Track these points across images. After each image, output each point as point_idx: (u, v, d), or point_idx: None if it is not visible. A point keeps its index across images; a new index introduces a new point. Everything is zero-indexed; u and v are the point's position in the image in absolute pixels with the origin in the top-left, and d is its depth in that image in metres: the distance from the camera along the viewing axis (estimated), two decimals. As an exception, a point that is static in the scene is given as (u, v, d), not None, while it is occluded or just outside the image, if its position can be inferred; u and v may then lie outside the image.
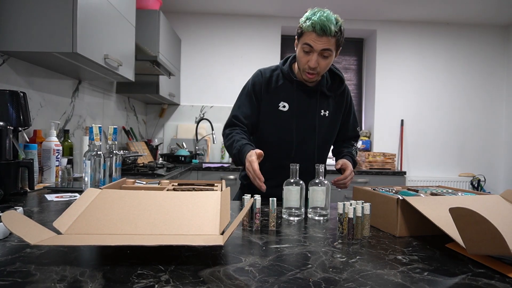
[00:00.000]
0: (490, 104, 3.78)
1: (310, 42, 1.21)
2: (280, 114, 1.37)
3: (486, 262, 0.67)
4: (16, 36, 1.45)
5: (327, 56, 1.24)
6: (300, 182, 1.05)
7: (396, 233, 0.87)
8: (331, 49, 1.22)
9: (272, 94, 1.37)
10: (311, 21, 1.19)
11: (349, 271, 0.63)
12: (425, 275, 0.62)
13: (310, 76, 1.29)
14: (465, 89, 3.77)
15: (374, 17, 3.64)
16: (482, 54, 3.77)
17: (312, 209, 1.05)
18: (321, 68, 1.27)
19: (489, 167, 3.77)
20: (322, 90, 1.38)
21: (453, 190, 1.09)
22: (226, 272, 0.61)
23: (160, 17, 2.78)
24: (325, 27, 1.17)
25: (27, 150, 1.50)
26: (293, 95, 1.37)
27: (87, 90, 2.32)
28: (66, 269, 0.60)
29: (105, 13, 1.74)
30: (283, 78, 1.38)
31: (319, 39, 1.20)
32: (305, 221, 1.02)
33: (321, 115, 1.39)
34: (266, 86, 1.37)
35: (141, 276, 0.58)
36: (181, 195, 0.90)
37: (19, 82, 1.64)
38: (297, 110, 1.37)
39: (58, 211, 1.06)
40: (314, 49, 1.22)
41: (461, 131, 3.77)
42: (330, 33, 1.18)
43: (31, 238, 0.61)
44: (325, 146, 1.46)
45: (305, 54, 1.25)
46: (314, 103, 1.38)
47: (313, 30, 1.19)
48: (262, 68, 1.42)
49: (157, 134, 3.69)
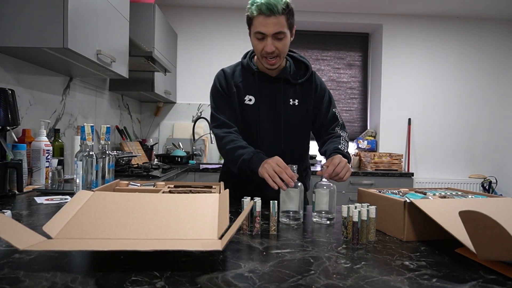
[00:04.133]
0: (502, 102, 3.78)
1: (261, 29, 1.24)
2: (247, 108, 1.39)
3: (497, 268, 0.67)
4: (4, 31, 1.45)
5: (281, 38, 1.26)
6: (299, 184, 1.05)
7: (403, 237, 0.87)
8: (283, 31, 1.24)
9: (237, 90, 1.40)
10: (256, 3, 1.22)
11: (354, 278, 0.63)
12: (433, 281, 0.62)
13: (271, 61, 1.30)
14: (475, 86, 3.77)
15: (380, 11, 3.64)
16: (493, 50, 3.77)
17: (317, 212, 1.05)
18: (279, 51, 1.28)
19: (501, 168, 3.77)
20: (286, 77, 1.39)
21: (463, 193, 1.09)
22: (225, 278, 0.61)
23: (156, 10, 2.79)
24: (270, 5, 1.19)
25: (15, 150, 1.50)
26: (256, 87, 1.40)
27: (79, 88, 2.32)
28: (56, 275, 0.60)
29: (97, 7, 1.74)
30: (245, 71, 1.42)
31: (268, 21, 1.22)
32: (307, 225, 1.02)
33: (290, 104, 1.41)
34: (230, 83, 1.41)
35: (135, 283, 0.57)
36: (178, 198, 0.90)
37: (7, 79, 1.64)
38: (263, 101, 1.39)
39: (48, 214, 1.06)
40: (266, 34, 1.24)
41: (471, 130, 3.77)
42: (278, 10, 1.20)
43: (19, 243, 0.61)
44: (303, 136, 1.46)
45: (259, 41, 1.27)
46: (280, 92, 1.40)
47: (260, 13, 1.22)
48: (225, 67, 1.46)
49: (152, 133, 3.69)
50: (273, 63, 1.30)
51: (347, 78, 3.92)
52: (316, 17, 3.67)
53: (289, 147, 1.43)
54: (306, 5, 3.52)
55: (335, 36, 3.92)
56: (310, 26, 3.82)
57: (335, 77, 3.91)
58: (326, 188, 1.05)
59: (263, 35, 1.25)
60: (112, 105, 2.90)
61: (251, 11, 1.24)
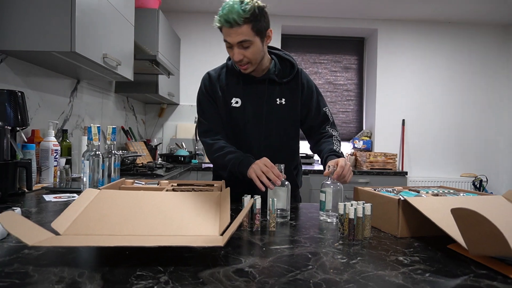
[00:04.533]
0: (492, 103, 3.78)
1: (227, 38, 1.21)
2: (235, 110, 1.35)
3: (488, 263, 0.67)
4: (14, 35, 1.45)
5: (248, 46, 1.21)
6: (286, 182, 1.04)
7: (397, 234, 0.87)
8: (247, 39, 1.19)
9: (224, 93, 1.35)
10: (218, 16, 1.19)
11: (350, 272, 0.63)
12: (426, 276, 0.62)
13: (243, 67, 1.26)
14: (467, 88, 3.77)
15: (375, 16, 3.64)
16: (484, 53, 3.77)
17: (325, 211, 1.04)
18: (249, 58, 1.23)
19: (491, 168, 3.77)
20: (271, 77, 1.35)
21: (455, 191, 1.09)
22: (226, 273, 0.61)
23: (159, 16, 2.78)
24: (228, 18, 1.15)
25: (25, 150, 1.50)
26: (242, 89, 1.35)
27: (86, 90, 2.32)
28: (64, 270, 0.60)
29: (104, 12, 1.74)
30: (229, 74, 1.37)
31: (231, 31, 1.18)
32: (306, 221, 1.02)
33: (277, 104, 1.36)
34: (215, 86, 1.36)
35: (140, 277, 0.57)
36: (181, 196, 0.90)
37: (17, 82, 1.64)
38: (249, 103, 1.35)
39: (56, 211, 1.06)
40: (231, 43, 1.21)
41: (463, 131, 3.77)
42: (236, 22, 1.15)
43: (29, 239, 0.61)
44: (291, 135, 1.41)
45: (229, 49, 1.25)
46: (265, 93, 1.35)
47: (221, 25, 1.19)
48: (210, 70, 1.42)
49: (156, 134, 3.69)
50: (244, 68, 1.27)
51: (344, 80, 3.92)
52: (314, 22, 3.67)
53: (277, 147, 1.38)
54: (304, 10, 3.52)
55: (332, 40, 3.92)
56: (308, 31, 3.82)
57: (332, 80, 3.90)
58: (334, 188, 1.04)
59: (230, 44, 1.22)
60: (117, 107, 2.90)
61: (216, 22, 1.21)
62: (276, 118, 1.36)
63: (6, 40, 1.45)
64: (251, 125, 1.36)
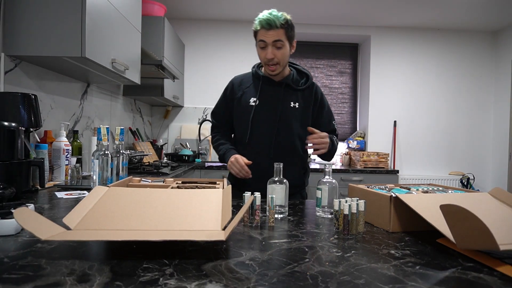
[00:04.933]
0: (478, 106, 3.78)
1: (262, 37, 1.32)
2: (251, 108, 1.44)
3: (475, 256, 0.67)
4: (27, 41, 1.45)
5: (280, 46, 1.33)
6: (284, 180, 1.05)
7: (389, 228, 0.87)
8: (281, 39, 1.32)
9: (245, 93, 1.46)
10: (258, 19, 1.32)
11: (345, 265, 0.63)
12: (417, 268, 0.62)
13: (271, 67, 1.37)
14: (455, 91, 3.77)
15: (368, 23, 3.64)
16: (471, 59, 3.77)
17: (321, 207, 1.04)
18: (278, 58, 1.35)
19: (478, 166, 3.77)
20: (288, 83, 1.44)
21: (444, 188, 1.09)
22: (228, 265, 0.61)
23: (165, 23, 2.78)
24: (270, 21, 1.29)
25: (38, 149, 1.50)
26: (260, 90, 1.45)
27: (95, 93, 2.32)
28: (75, 263, 0.60)
29: (112, 19, 1.74)
30: (253, 78, 1.49)
31: (268, 33, 1.31)
32: (303, 217, 1.02)
33: (291, 106, 1.44)
34: (237, 88, 1.48)
35: (146, 270, 0.58)
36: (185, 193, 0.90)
37: (30, 85, 1.64)
38: (265, 102, 1.44)
39: (68, 207, 1.06)
40: (266, 42, 1.32)
41: (451, 132, 3.77)
42: (276, 25, 1.29)
43: (42, 233, 0.61)
44: (299, 137, 1.45)
45: (262, 50, 1.36)
46: (281, 94, 1.44)
47: (261, 27, 1.31)
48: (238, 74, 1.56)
49: (162, 134, 3.69)
50: (273, 69, 1.37)
51: (339, 84, 3.92)
52: (311, 29, 3.67)
53: (287, 147, 1.44)
54: (301, 18, 3.51)
55: (328, 46, 3.92)
56: (305, 37, 3.82)
57: (327, 83, 3.90)
58: (330, 185, 1.04)
59: (265, 43, 1.32)
60: (125, 109, 2.90)
61: (255, 26, 1.33)
62: (288, 120, 1.43)
63: (20, 46, 1.45)
64: (265, 124, 1.43)
